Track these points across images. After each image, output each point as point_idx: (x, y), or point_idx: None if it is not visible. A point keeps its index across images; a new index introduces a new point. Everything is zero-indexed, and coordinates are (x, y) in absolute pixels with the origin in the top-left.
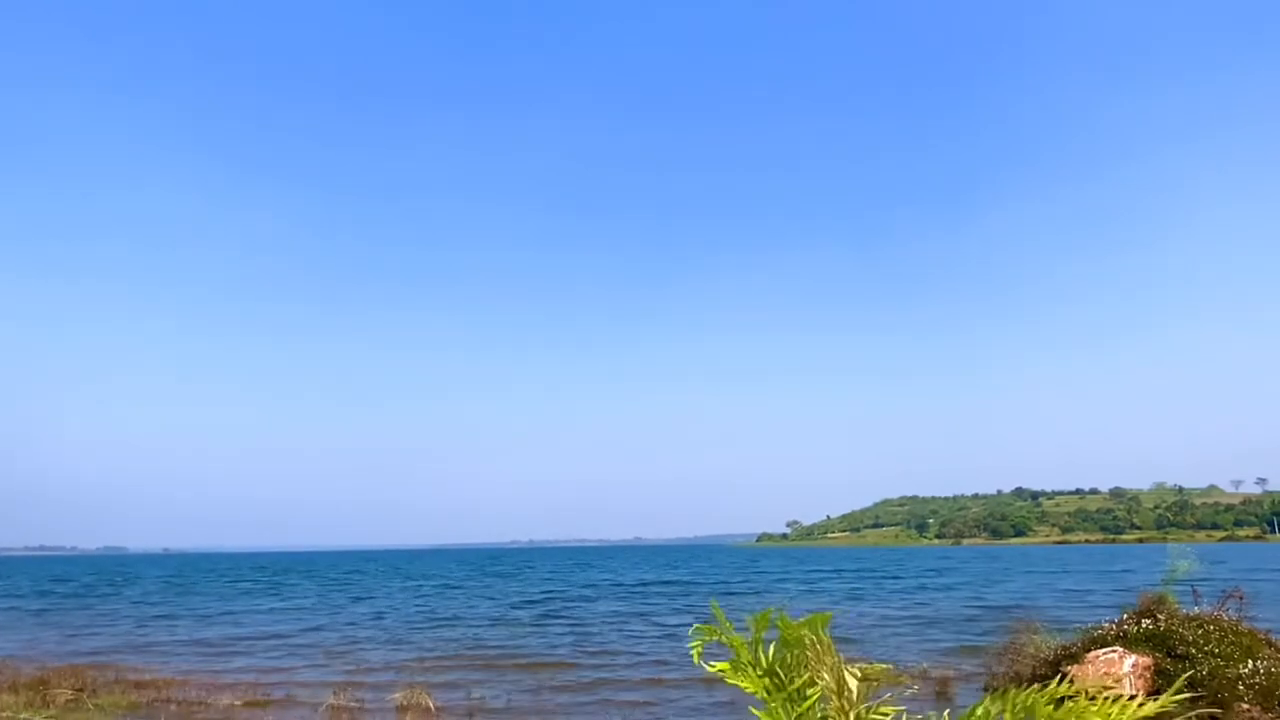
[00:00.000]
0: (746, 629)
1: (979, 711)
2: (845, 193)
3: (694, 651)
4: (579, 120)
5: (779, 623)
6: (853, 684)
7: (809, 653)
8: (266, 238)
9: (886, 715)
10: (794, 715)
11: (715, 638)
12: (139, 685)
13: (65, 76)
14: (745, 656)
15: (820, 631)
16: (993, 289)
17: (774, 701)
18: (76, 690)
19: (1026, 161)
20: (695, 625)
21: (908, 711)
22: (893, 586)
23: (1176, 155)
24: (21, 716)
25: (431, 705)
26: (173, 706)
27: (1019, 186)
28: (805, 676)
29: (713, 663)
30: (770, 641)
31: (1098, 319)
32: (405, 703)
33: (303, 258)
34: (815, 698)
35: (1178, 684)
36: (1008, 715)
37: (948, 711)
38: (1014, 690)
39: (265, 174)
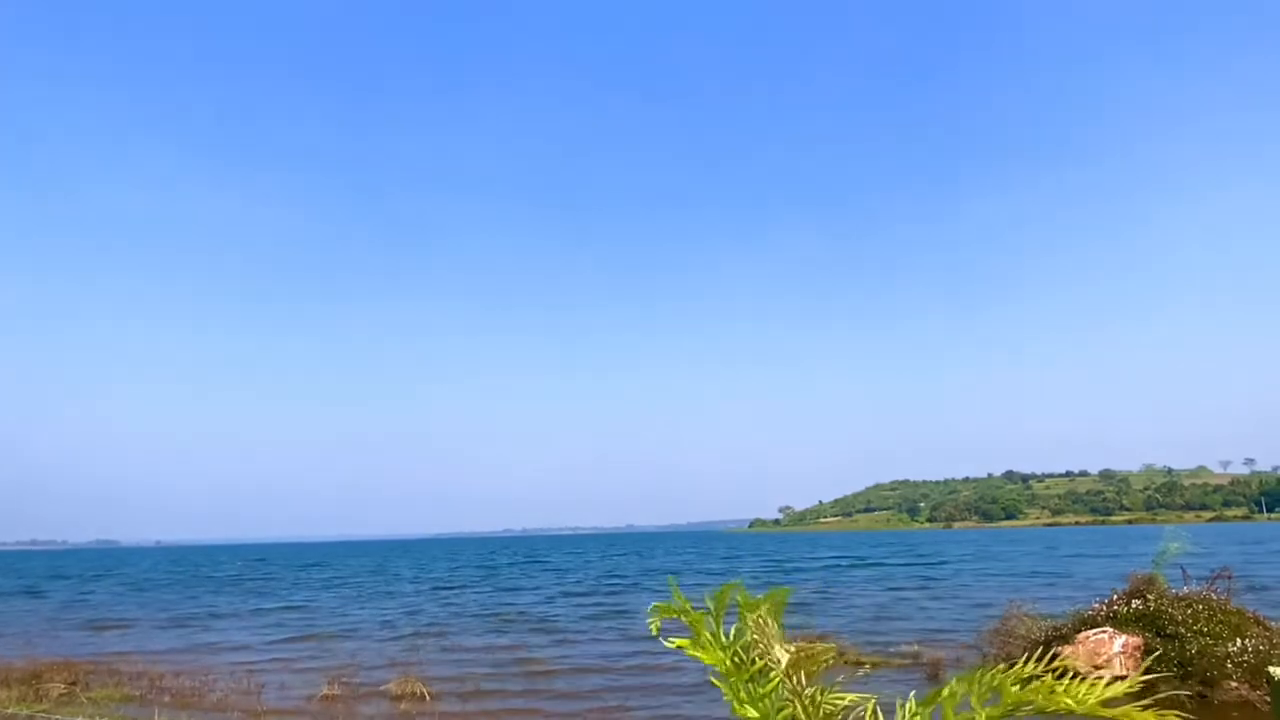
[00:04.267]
0: (706, 606)
1: (945, 692)
2: (835, 179)
3: (651, 626)
4: (566, 112)
5: (739, 599)
6: (802, 664)
7: (754, 632)
8: (250, 230)
9: (843, 699)
10: (756, 696)
11: (674, 615)
12: (132, 678)
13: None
14: (704, 633)
15: (765, 609)
16: (982, 274)
17: (734, 678)
18: (69, 684)
19: (1013, 148)
20: (654, 604)
21: (899, 693)
22: (910, 571)
23: (1164, 142)
24: (12, 710)
25: (426, 692)
26: (166, 698)
27: (1006, 173)
28: (765, 659)
29: (672, 639)
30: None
31: (1086, 303)
32: (400, 690)
33: (287, 249)
34: (778, 680)
35: (1147, 663)
36: (974, 696)
37: (913, 693)
38: (980, 670)
39: (244, 166)
